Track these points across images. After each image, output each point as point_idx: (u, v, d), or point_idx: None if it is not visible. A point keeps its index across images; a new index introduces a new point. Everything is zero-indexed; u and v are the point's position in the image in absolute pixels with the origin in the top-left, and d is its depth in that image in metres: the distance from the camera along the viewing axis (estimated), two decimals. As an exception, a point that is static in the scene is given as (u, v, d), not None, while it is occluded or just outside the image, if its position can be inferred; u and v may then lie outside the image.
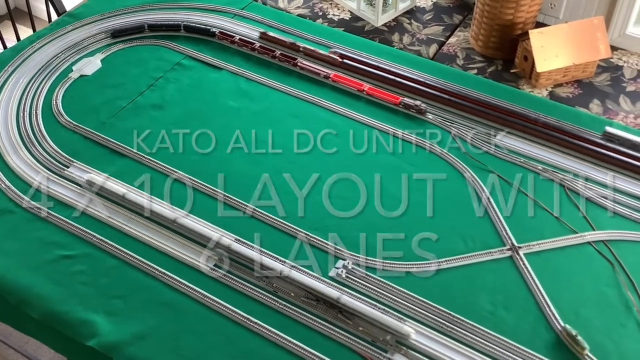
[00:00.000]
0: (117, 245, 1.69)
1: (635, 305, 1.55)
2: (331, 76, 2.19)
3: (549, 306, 1.55)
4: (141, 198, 1.81)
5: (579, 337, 1.47)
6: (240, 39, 2.33)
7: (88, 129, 2.02)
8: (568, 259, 1.67)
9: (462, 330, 1.52)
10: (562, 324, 1.51)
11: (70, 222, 1.75)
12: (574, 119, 2.03)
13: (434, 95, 2.11)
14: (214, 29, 2.35)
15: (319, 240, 1.71)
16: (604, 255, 1.66)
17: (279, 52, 2.28)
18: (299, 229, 1.74)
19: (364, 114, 2.07)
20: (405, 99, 2.11)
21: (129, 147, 1.96)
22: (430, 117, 2.06)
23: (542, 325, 1.53)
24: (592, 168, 1.88)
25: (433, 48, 2.85)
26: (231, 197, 1.82)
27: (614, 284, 1.61)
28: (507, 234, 1.71)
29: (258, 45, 2.30)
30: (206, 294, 1.59)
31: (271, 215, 1.78)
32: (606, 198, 1.80)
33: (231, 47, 2.33)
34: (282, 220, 1.76)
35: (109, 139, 1.99)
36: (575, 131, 1.97)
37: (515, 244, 1.69)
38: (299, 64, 2.24)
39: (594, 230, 1.72)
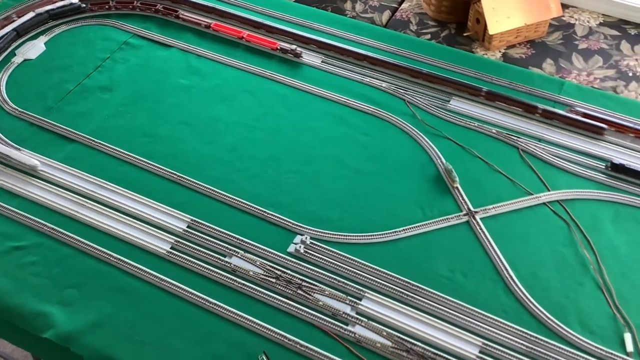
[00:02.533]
0: (69, 233, 1.64)
1: (591, 264, 1.56)
2: (212, 25, 2.22)
3: (506, 269, 1.55)
4: (92, 183, 1.75)
5: (454, 172, 1.71)
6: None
7: (35, 115, 1.95)
8: (524, 221, 1.66)
9: (421, 298, 1.51)
10: (444, 162, 1.66)
11: (20, 211, 1.69)
12: (527, 80, 2.02)
13: (387, 63, 2.08)
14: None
15: (275, 216, 1.68)
16: (559, 215, 1.66)
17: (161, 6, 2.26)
18: (255, 206, 1.71)
19: (319, 87, 2.03)
20: (281, 43, 2.13)
21: (78, 132, 1.89)
22: (384, 85, 2.03)
23: (501, 289, 1.52)
24: (545, 128, 1.87)
25: (386, 15, 2.80)
26: (185, 177, 1.78)
27: (570, 243, 1.61)
28: (463, 199, 1.70)
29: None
30: (163, 277, 1.56)
31: (226, 194, 1.73)
32: (560, 158, 1.79)
33: (180, 23, 2.26)
34: (237, 198, 1.72)
35: (57, 124, 1.92)
36: (528, 92, 1.96)
37: (472, 208, 1.68)
38: (180, 15, 2.23)
39: (549, 190, 1.71)
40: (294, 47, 2.13)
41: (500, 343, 1.42)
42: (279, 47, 2.14)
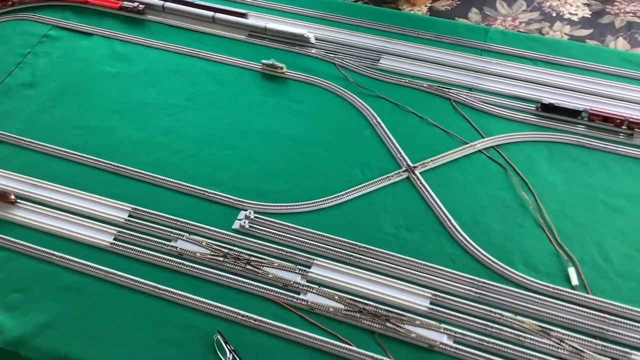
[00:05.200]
0: (6, 237, 1.58)
1: (530, 204, 1.57)
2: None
3: (449, 220, 1.55)
4: (25, 183, 1.69)
5: (276, 62, 1.82)
6: None
7: (-43, 119, 1.86)
8: (462, 170, 1.66)
9: (369, 258, 1.50)
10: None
11: (-47, 221, 1.62)
12: (453, 31, 2.01)
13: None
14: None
15: (217, 194, 1.65)
16: (495, 161, 1.67)
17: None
18: (195, 186, 1.67)
19: (247, 60, 1.98)
20: (125, 2, 2.11)
21: (4, 132, 1.81)
22: (313, 51, 1.99)
23: (445, 239, 1.52)
24: (474, 77, 1.87)
25: (311, -20, 2.74)
26: (122, 166, 1.72)
27: (508, 186, 1.61)
28: (401, 156, 1.69)
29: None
30: (109, 270, 1.51)
31: (165, 178, 1.69)
32: (491, 104, 1.79)
33: (99, 9, 2.17)
34: (177, 181, 1.68)
35: (-18, 126, 1.84)
36: (455, 43, 1.95)
37: (411, 164, 1.67)
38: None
39: (483, 138, 1.71)
40: (135, 4, 2.11)
41: (449, 292, 1.43)
42: (121, 6, 2.12)
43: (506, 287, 1.42)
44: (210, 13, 2.10)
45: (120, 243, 1.56)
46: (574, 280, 1.42)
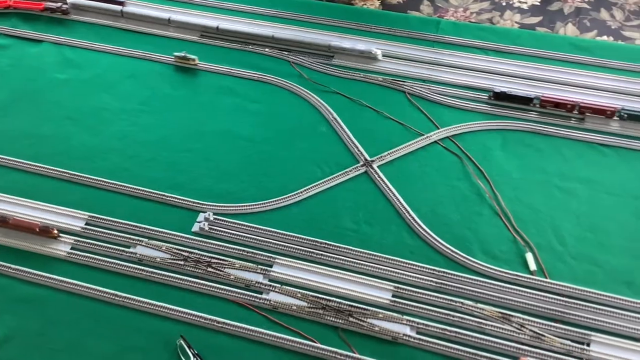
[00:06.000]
0: (-42, 253, 1.53)
1: (487, 192, 1.57)
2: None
3: (408, 212, 1.54)
4: (-22, 196, 1.64)
5: (188, 55, 1.84)
6: None
7: None
8: (419, 162, 1.66)
9: (330, 254, 1.49)
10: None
11: None
12: (405, 24, 2.01)
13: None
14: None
15: (175, 198, 1.62)
16: (451, 151, 1.67)
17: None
18: (153, 191, 1.64)
19: (201, 61, 1.95)
20: (48, 3, 2.08)
21: (-47, 147, 1.76)
22: (267, 50, 1.97)
23: (405, 232, 1.52)
24: (427, 69, 1.87)
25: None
26: (77, 174, 1.68)
27: (464, 176, 1.62)
28: (358, 150, 1.68)
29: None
30: (67, 280, 1.48)
31: (122, 184, 1.66)
32: (445, 95, 1.79)
33: (47, 15, 2.12)
34: (134, 186, 1.65)
35: None
36: (407, 36, 1.96)
37: (368, 158, 1.66)
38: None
39: (438, 128, 1.71)
40: (59, 4, 2.09)
41: (411, 284, 1.42)
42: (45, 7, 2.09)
43: (466, 275, 1.43)
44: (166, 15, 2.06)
45: (77, 252, 1.53)
46: (532, 266, 1.43)
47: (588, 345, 1.30)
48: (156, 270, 1.49)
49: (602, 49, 1.88)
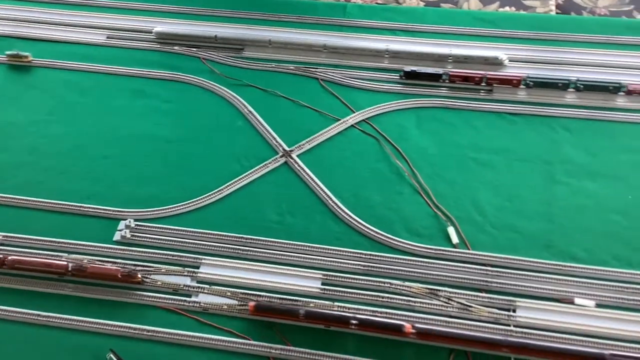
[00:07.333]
0: None
1: (406, 171, 1.56)
2: None
3: (331, 199, 1.52)
4: None
5: (20, 52, 1.83)
6: None
7: None
8: (337, 147, 1.64)
9: (257, 249, 1.45)
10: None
11: None
12: (312, 11, 1.97)
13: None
14: None
15: (93, 208, 1.55)
16: (368, 133, 1.65)
17: None
18: (69, 203, 1.56)
19: (108, 65, 1.87)
20: None
21: None
22: (176, 47, 1.90)
23: (330, 219, 1.50)
24: (338, 53, 1.84)
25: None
26: (-14, 193, 1.59)
27: (383, 157, 1.60)
28: (276, 142, 1.64)
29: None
30: (-15, 305, 1.39)
31: (36, 199, 1.57)
32: (358, 79, 1.77)
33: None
34: (49, 201, 1.57)
35: None
36: (315, 22, 1.93)
37: (287, 148, 1.63)
38: None
39: (353, 112, 1.69)
40: None
41: (339, 270, 1.41)
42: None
43: (392, 255, 1.42)
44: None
45: (-9, 273, 1.44)
46: (454, 239, 1.43)
47: (514, 311, 1.31)
48: (81, 285, 1.42)
49: (504, 20, 1.90)
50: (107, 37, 1.95)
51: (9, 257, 1.43)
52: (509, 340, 1.24)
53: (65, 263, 1.42)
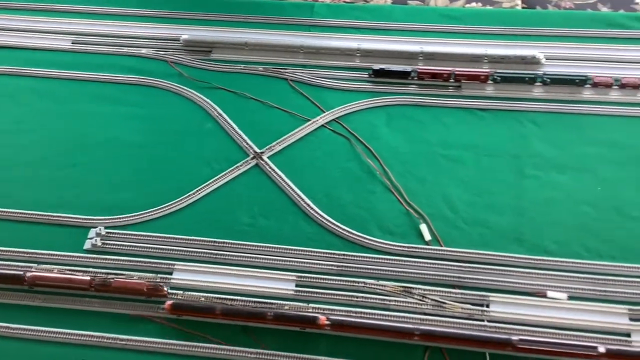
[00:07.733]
0: None
1: (377, 170, 1.56)
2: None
3: (303, 200, 1.51)
4: None
5: None
6: None
7: None
8: (308, 148, 1.63)
9: (229, 253, 1.44)
10: None
11: None
12: (280, 11, 1.96)
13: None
14: None
15: (62, 217, 1.52)
16: (338, 133, 1.64)
17: None
18: (38, 213, 1.53)
19: (74, 70, 1.83)
20: None
21: None
22: (144, 51, 1.88)
23: (302, 220, 1.49)
24: (306, 53, 1.82)
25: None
26: (-48, 205, 1.55)
27: (354, 156, 1.60)
28: (247, 144, 1.63)
29: None
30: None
31: (3, 210, 1.54)
32: (327, 78, 1.76)
33: None
34: (17, 211, 1.54)
35: None
36: (283, 23, 1.91)
37: (257, 150, 1.61)
38: None
39: (324, 112, 1.68)
40: None
41: (312, 271, 1.40)
42: None
43: (365, 255, 1.41)
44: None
45: (-39, 288, 1.41)
46: (427, 236, 1.43)
47: (487, 306, 1.31)
48: (51, 296, 1.39)
49: (471, 16, 1.90)
50: (72, 43, 1.91)
51: (28, 274, 1.40)
52: (421, 328, 1.26)
53: (89, 278, 1.39)
